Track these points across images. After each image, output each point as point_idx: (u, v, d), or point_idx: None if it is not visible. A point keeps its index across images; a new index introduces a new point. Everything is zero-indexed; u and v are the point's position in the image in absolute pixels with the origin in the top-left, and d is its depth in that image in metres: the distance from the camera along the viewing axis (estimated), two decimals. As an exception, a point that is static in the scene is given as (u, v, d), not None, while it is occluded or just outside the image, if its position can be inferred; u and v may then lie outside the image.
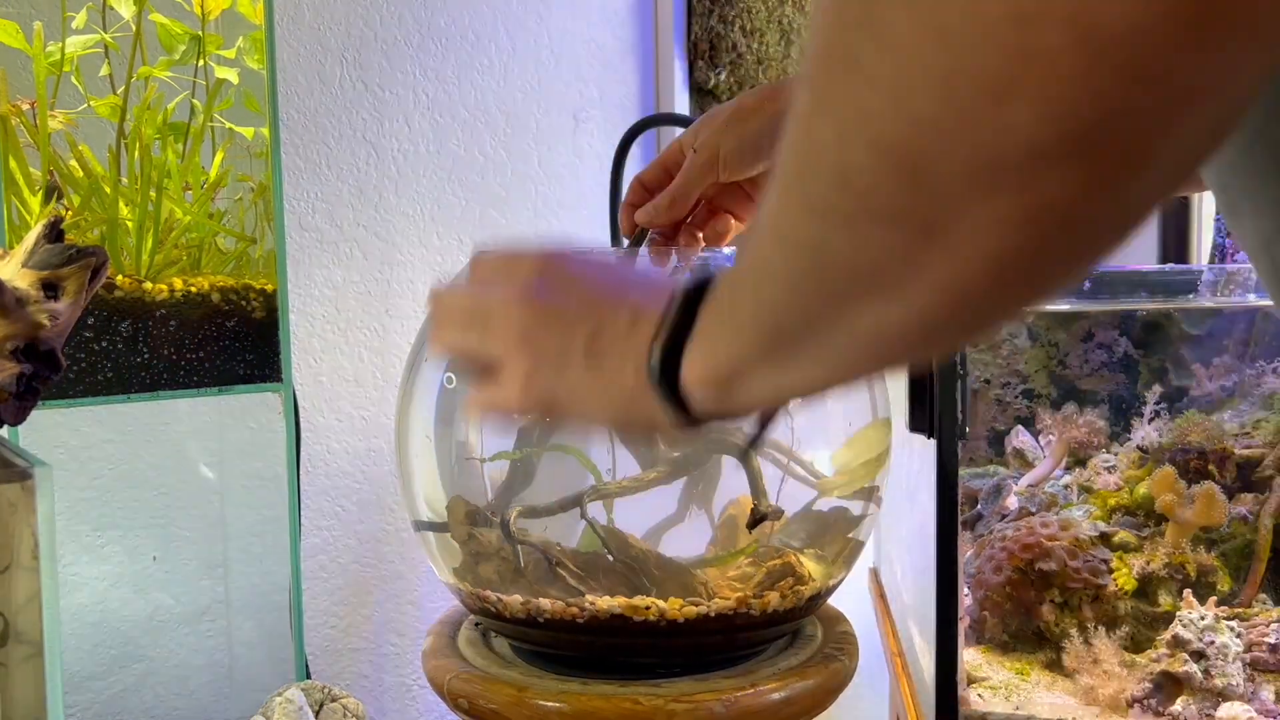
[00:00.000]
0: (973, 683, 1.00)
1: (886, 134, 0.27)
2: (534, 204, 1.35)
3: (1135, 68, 0.23)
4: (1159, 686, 0.97)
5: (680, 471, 0.91)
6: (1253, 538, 1.05)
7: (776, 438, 0.88)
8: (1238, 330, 1.11)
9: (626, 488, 0.88)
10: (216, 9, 0.95)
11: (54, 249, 0.63)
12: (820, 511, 0.92)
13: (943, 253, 0.28)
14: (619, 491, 0.88)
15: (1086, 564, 1.04)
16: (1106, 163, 0.25)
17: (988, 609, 1.07)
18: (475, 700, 0.82)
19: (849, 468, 0.92)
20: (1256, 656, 0.98)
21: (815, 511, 0.92)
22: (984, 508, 1.14)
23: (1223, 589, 1.04)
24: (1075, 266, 0.29)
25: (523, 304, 0.44)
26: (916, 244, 0.28)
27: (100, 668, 1.02)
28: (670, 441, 0.53)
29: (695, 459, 0.91)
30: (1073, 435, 1.13)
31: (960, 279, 0.28)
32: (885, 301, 0.30)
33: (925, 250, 0.28)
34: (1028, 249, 0.27)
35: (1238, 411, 1.10)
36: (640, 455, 0.89)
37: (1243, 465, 1.07)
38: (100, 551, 1.02)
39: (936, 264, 0.28)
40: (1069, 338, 1.15)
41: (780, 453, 0.88)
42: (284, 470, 1.01)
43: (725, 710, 0.79)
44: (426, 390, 0.94)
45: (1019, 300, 0.30)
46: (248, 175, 0.99)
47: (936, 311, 0.30)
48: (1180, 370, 1.12)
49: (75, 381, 0.87)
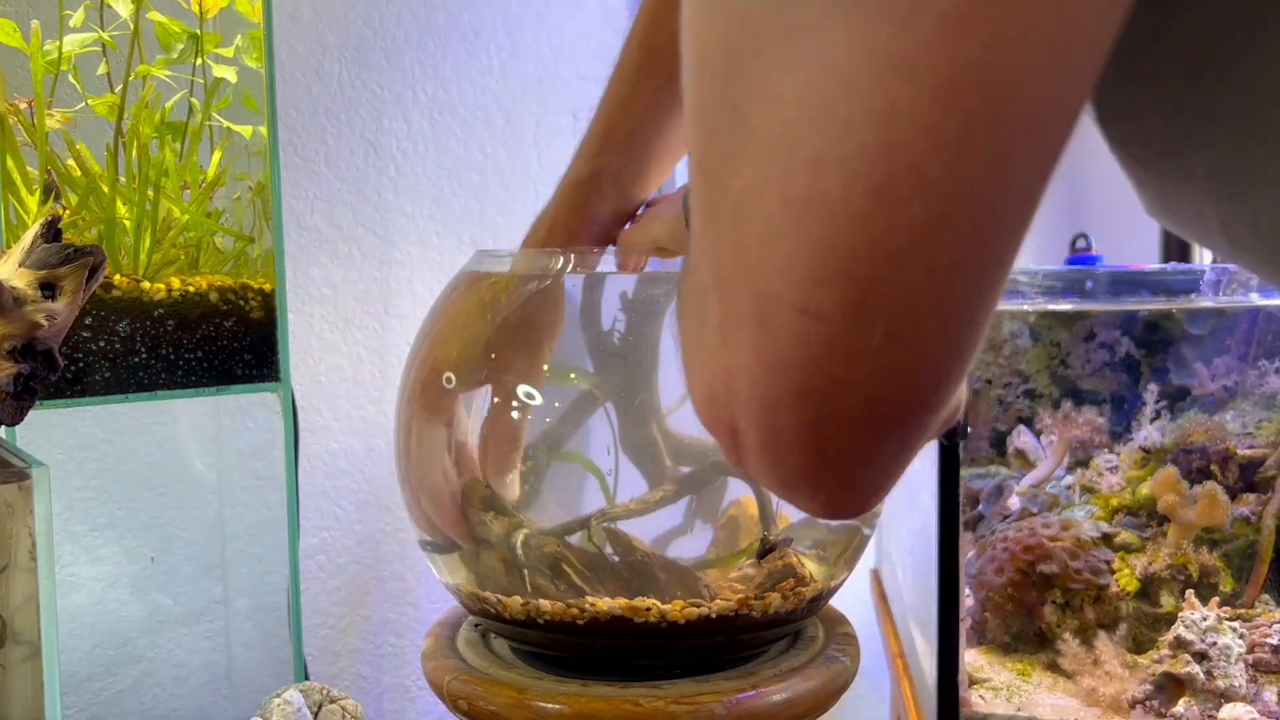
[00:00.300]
0: (974, 684, 1.00)
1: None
2: (534, 204, 1.35)
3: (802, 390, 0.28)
4: (1161, 687, 0.96)
5: (687, 490, 0.91)
6: (1255, 538, 1.05)
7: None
8: (1240, 330, 1.11)
9: (634, 510, 0.87)
10: (214, 7, 0.94)
11: (51, 248, 0.63)
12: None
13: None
14: (626, 514, 0.88)
15: (1088, 564, 1.03)
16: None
17: (989, 610, 1.06)
18: (474, 701, 0.82)
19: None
20: (1259, 657, 0.98)
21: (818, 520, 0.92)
22: (985, 508, 1.14)
23: (1225, 590, 1.04)
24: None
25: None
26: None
27: (98, 669, 1.02)
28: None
29: (702, 478, 0.90)
30: (1074, 435, 1.13)
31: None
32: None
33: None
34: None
35: (1240, 411, 1.10)
36: (645, 469, 0.89)
37: (1245, 465, 1.07)
38: (98, 552, 1.01)
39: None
40: (1071, 338, 1.15)
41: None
42: (282, 470, 1.01)
43: (726, 712, 0.79)
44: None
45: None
46: (246, 174, 0.98)
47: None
48: (1182, 370, 1.12)
49: (73, 381, 0.87)
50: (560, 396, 0.91)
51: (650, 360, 0.89)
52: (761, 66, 0.25)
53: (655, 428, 0.89)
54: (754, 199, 0.26)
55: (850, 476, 0.29)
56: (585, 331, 0.90)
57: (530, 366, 0.75)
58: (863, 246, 0.25)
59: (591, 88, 1.40)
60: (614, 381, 0.91)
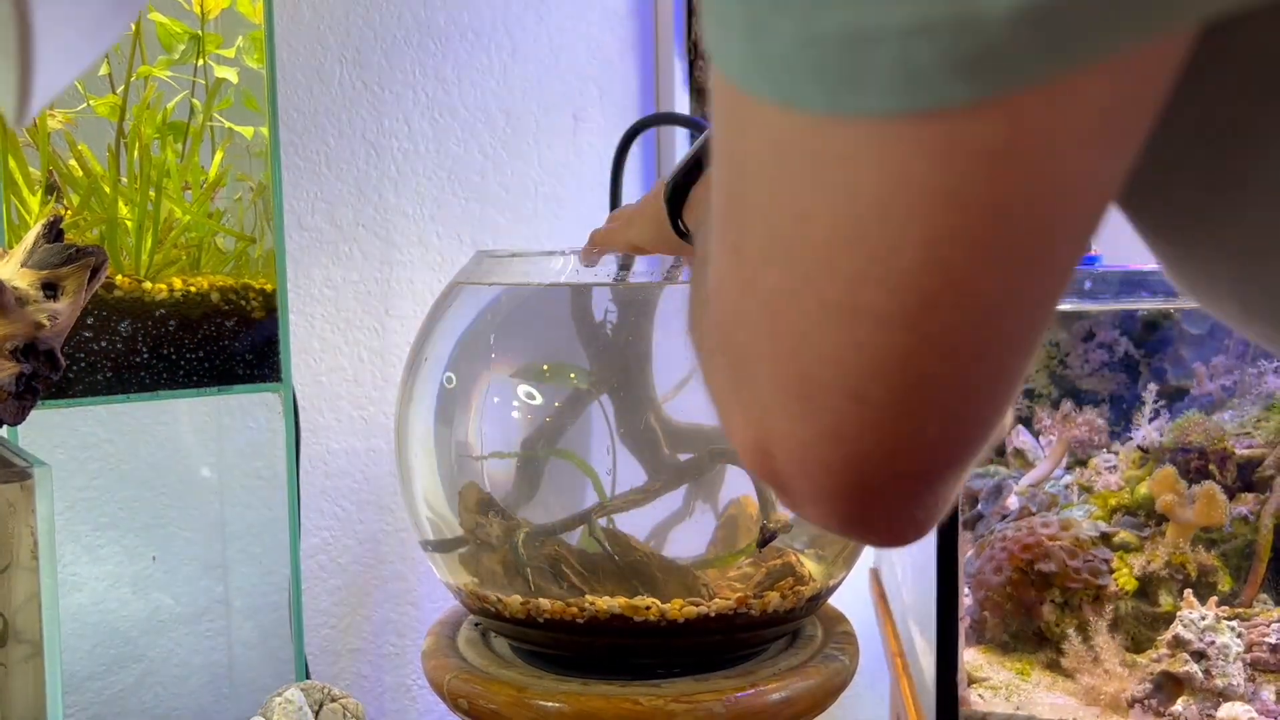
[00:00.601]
0: (973, 683, 1.00)
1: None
2: (534, 204, 1.35)
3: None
4: (1159, 686, 0.97)
5: (683, 479, 0.91)
6: (1253, 538, 1.05)
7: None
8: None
9: (632, 501, 0.88)
10: (216, 8, 0.94)
11: (53, 249, 0.63)
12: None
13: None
14: (624, 506, 0.88)
15: (1087, 564, 1.04)
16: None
17: (988, 609, 1.06)
18: (475, 700, 0.82)
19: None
20: (1257, 656, 0.98)
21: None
22: (984, 508, 1.14)
23: (1223, 589, 1.04)
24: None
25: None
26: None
27: (99, 668, 1.02)
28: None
29: (699, 467, 0.91)
30: (1072, 434, 1.13)
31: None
32: None
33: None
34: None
35: (1238, 411, 1.10)
36: (644, 460, 0.89)
37: (1243, 465, 1.07)
38: (99, 551, 1.02)
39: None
40: (1070, 337, 1.15)
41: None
42: (283, 470, 1.01)
43: (725, 710, 0.79)
44: (426, 390, 0.94)
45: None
46: (247, 175, 0.99)
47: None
48: (1181, 370, 1.12)
49: (75, 381, 0.87)
50: (557, 392, 0.91)
51: (644, 352, 0.90)
52: (790, 186, 0.25)
53: (652, 417, 0.89)
54: (790, 297, 0.26)
55: (905, 515, 0.30)
56: (579, 326, 0.91)
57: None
58: (912, 347, 0.25)
59: (591, 88, 1.41)
60: (609, 373, 0.91)
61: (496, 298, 0.95)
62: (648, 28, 1.47)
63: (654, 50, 1.47)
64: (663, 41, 1.46)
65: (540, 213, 1.36)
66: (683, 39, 1.46)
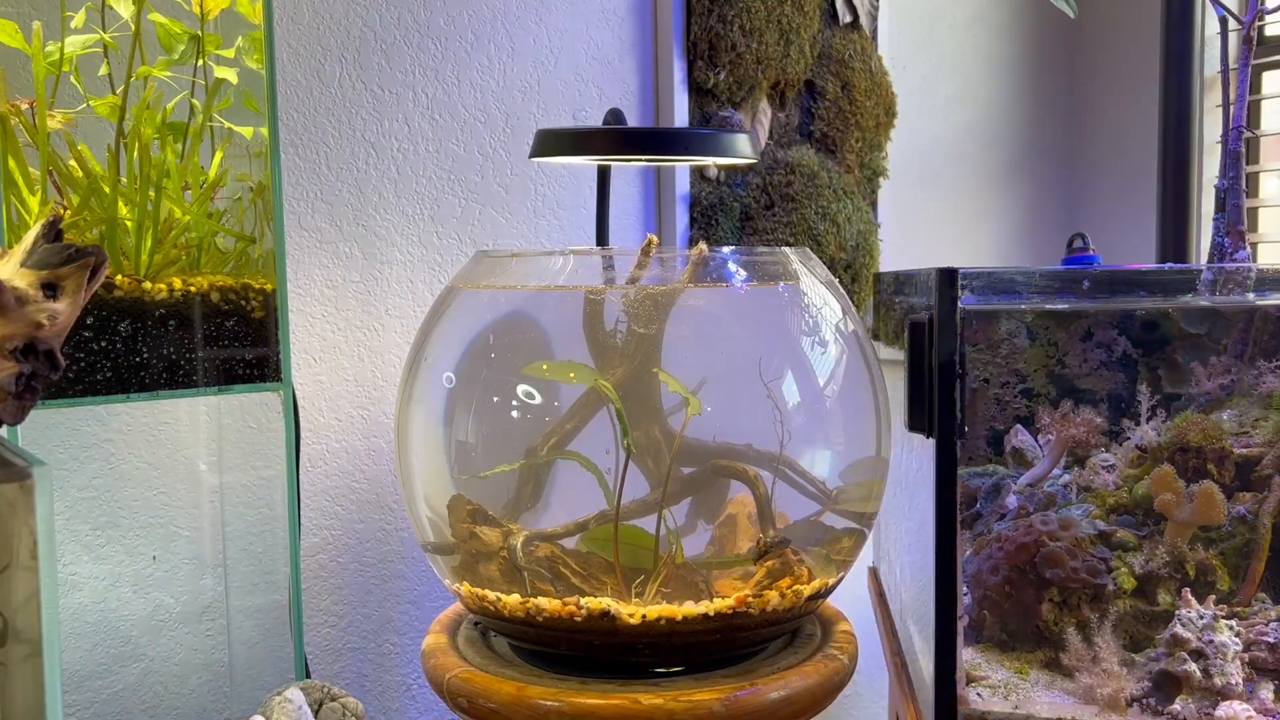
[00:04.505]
0: (972, 682, 1.00)
1: None
2: (534, 204, 1.35)
3: None
4: (1158, 685, 0.97)
5: (686, 493, 0.91)
6: (1252, 537, 1.05)
7: (785, 453, 0.88)
8: (1236, 330, 1.11)
9: (634, 511, 0.88)
10: (215, 9, 0.95)
11: (53, 248, 0.63)
12: (822, 522, 0.93)
13: None
14: (625, 516, 0.88)
15: (1085, 563, 1.04)
16: None
17: (987, 608, 1.07)
18: (475, 699, 0.82)
19: (848, 498, 0.93)
20: (1255, 655, 0.98)
21: (816, 520, 0.92)
22: (983, 507, 1.14)
23: (1222, 588, 1.04)
24: None
25: None
26: None
27: (99, 667, 1.02)
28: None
29: (702, 480, 0.91)
30: (1071, 434, 1.13)
31: None
32: None
33: None
34: None
35: (1236, 410, 1.10)
36: (648, 472, 0.89)
37: (1241, 464, 1.07)
38: (99, 551, 1.02)
39: None
40: (1068, 337, 1.15)
41: (784, 465, 0.88)
42: (283, 470, 1.01)
43: (724, 709, 0.79)
44: (426, 390, 0.94)
45: None
46: (247, 175, 0.99)
47: None
48: (1179, 369, 1.12)
49: (74, 381, 0.87)
50: (558, 393, 0.91)
51: (652, 362, 0.90)
52: None
53: (657, 430, 0.89)
54: None
55: None
56: (589, 333, 0.90)
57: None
58: None
59: (591, 88, 1.41)
60: (617, 384, 0.91)
61: (496, 298, 0.95)
62: (647, 28, 1.47)
63: (653, 50, 1.47)
64: (662, 42, 1.46)
65: (539, 213, 1.36)
66: (682, 39, 1.46)
